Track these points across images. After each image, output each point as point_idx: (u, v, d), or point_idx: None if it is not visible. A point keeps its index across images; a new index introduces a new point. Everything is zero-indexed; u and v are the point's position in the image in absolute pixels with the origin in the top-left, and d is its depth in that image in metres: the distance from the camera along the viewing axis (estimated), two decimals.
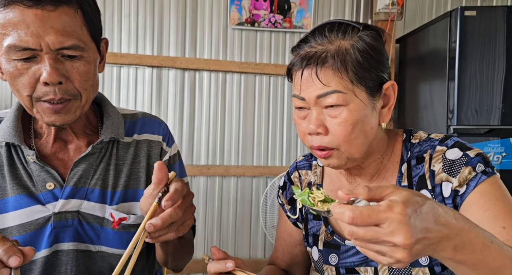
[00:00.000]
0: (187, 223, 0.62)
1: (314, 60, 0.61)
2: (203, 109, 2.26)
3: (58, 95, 0.62)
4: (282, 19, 2.28)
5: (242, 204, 2.29)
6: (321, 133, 0.62)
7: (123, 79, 2.18)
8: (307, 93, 0.63)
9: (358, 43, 0.62)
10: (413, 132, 0.72)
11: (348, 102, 0.61)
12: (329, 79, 0.60)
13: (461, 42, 1.73)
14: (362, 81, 0.61)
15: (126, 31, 2.17)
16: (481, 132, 1.80)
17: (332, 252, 0.73)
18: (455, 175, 0.62)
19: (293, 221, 0.83)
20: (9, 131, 0.69)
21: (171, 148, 0.84)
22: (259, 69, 2.27)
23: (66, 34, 0.61)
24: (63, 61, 0.63)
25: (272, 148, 2.33)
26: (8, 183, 0.69)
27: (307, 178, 0.81)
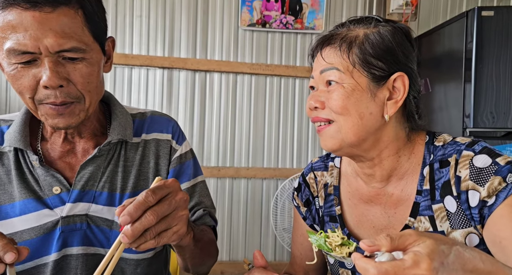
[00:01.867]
0: (172, 231, 0.54)
1: (324, 42, 0.67)
2: (213, 111, 2.26)
3: (59, 99, 0.61)
4: (293, 20, 2.26)
5: (253, 206, 2.28)
6: (318, 107, 0.66)
7: (135, 80, 2.19)
8: (315, 70, 0.68)
9: (373, 33, 0.65)
10: (436, 134, 0.70)
11: (343, 81, 0.64)
12: (332, 57, 0.65)
13: (478, 43, 1.69)
14: (365, 67, 0.63)
15: (138, 33, 2.18)
16: (498, 135, 1.75)
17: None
18: (483, 184, 0.59)
19: (309, 223, 0.81)
20: (15, 136, 0.69)
21: (181, 146, 0.82)
22: (270, 71, 2.26)
23: (65, 36, 0.58)
24: (64, 64, 0.61)
25: (282, 150, 2.32)
26: (16, 188, 0.69)
27: (323, 179, 0.80)
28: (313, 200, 0.81)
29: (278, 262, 2.26)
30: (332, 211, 0.76)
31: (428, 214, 0.64)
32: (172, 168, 0.79)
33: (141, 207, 0.50)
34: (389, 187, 0.69)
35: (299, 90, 2.33)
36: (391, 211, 0.69)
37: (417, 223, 0.65)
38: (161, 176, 0.78)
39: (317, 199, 0.80)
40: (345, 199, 0.75)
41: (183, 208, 0.55)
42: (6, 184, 0.70)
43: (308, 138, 2.34)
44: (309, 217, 0.81)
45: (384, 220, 0.69)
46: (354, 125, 0.63)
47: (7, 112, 2.08)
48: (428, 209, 0.64)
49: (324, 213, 0.77)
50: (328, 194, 0.77)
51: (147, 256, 0.76)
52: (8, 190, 0.69)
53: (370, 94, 0.64)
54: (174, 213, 0.53)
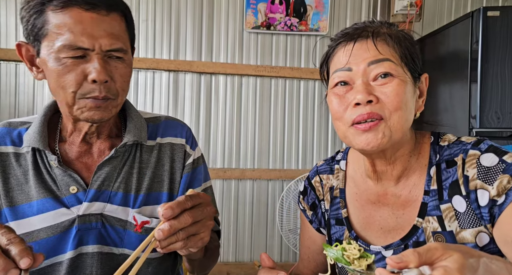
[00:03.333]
0: (199, 236, 0.58)
1: (369, 33, 0.63)
2: (219, 113, 2.27)
3: (102, 93, 0.66)
4: (298, 22, 2.28)
5: (258, 207, 2.29)
6: (372, 101, 0.60)
7: (141, 83, 2.21)
8: (356, 62, 0.62)
9: (401, 34, 0.65)
10: (441, 134, 0.70)
11: (398, 74, 0.61)
12: (384, 49, 0.62)
13: (484, 43, 1.68)
14: (407, 63, 0.62)
15: (144, 36, 2.20)
16: (504, 135, 1.75)
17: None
18: (492, 182, 0.59)
19: (316, 227, 0.81)
20: (34, 136, 0.71)
21: (194, 151, 0.84)
22: (275, 72, 2.27)
23: (115, 37, 0.66)
24: (109, 62, 0.67)
25: (288, 151, 2.32)
26: (34, 188, 0.71)
27: (329, 182, 0.79)
28: (319, 203, 0.80)
29: (284, 263, 2.26)
30: (338, 214, 0.76)
31: (436, 214, 0.64)
32: (185, 173, 0.81)
33: (181, 206, 0.55)
34: (397, 187, 0.69)
35: (304, 92, 2.34)
36: (399, 212, 0.68)
37: (425, 223, 0.64)
38: (175, 179, 0.81)
39: (323, 203, 0.80)
40: (352, 201, 0.75)
41: (211, 218, 0.60)
42: (23, 184, 0.72)
43: (313, 139, 2.35)
44: (315, 221, 0.81)
45: (392, 221, 0.69)
46: (406, 121, 0.61)
47: (16, 115, 2.11)
48: (436, 209, 0.64)
49: (330, 216, 0.77)
50: (334, 197, 0.77)
51: (158, 255, 0.77)
52: (25, 190, 0.71)
53: (414, 91, 0.64)
54: (204, 221, 0.58)
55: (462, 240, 0.61)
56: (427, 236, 0.64)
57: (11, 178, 0.72)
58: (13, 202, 0.71)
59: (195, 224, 0.57)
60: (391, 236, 0.68)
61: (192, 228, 0.56)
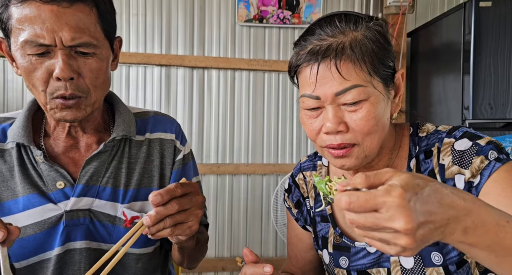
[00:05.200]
0: (188, 225, 0.58)
1: (331, 52, 0.57)
2: (212, 107, 2.25)
3: (69, 91, 0.63)
4: (290, 15, 2.25)
5: (253, 202, 2.28)
6: (342, 131, 0.59)
7: (132, 79, 2.19)
8: (323, 90, 0.58)
9: (370, 33, 0.59)
10: (420, 125, 0.69)
11: (368, 95, 0.58)
12: (349, 72, 0.57)
13: (476, 34, 1.68)
14: (378, 72, 0.59)
15: (134, 30, 2.17)
16: (497, 126, 1.75)
17: (342, 254, 0.70)
18: (467, 166, 0.58)
19: (301, 224, 0.80)
20: (19, 132, 0.70)
21: (184, 147, 0.83)
22: (268, 66, 2.25)
23: (79, 31, 0.62)
24: (76, 57, 0.63)
25: (282, 146, 2.31)
26: (19, 184, 0.69)
27: (312, 179, 0.78)
28: (303, 201, 0.79)
29: (279, 257, 2.26)
30: (323, 211, 0.75)
31: None
32: (176, 169, 0.81)
33: (170, 193, 0.56)
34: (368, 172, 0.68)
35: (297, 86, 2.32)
36: None
37: None
38: (165, 175, 0.80)
39: (307, 200, 0.78)
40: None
41: (199, 207, 0.60)
42: (8, 180, 0.70)
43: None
44: (300, 219, 0.80)
45: None
46: (379, 139, 0.60)
47: (5, 112, 2.07)
48: None
49: (315, 214, 0.76)
50: (318, 193, 0.76)
51: (148, 251, 0.76)
52: (11, 186, 0.70)
53: (387, 99, 0.61)
54: (193, 209, 0.58)
55: None
56: None
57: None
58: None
59: (183, 212, 0.57)
60: None
61: (179, 216, 0.57)
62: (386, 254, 0.64)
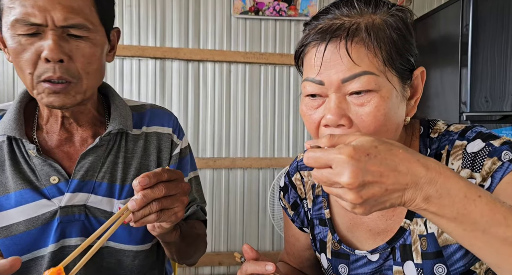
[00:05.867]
0: (173, 211, 0.57)
1: (342, 32, 0.50)
2: (207, 101, 2.23)
3: (57, 73, 0.60)
4: (287, 7, 2.22)
5: (249, 196, 2.27)
6: (344, 125, 0.51)
7: (126, 72, 2.15)
8: (328, 75, 0.51)
9: (390, 18, 0.52)
10: (431, 124, 0.63)
11: (380, 87, 0.50)
12: (360, 56, 0.49)
13: (474, 27, 1.67)
14: (394, 63, 0.51)
15: (128, 22, 2.13)
16: (494, 119, 1.75)
17: (341, 262, 0.67)
18: (479, 169, 0.53)
19: (298, 226, 0.76)
20: (10, 124, 0.67)
21: (182, 141, 0.81)
22: (264, 59, 2.23)
23: (73, 11, 0.59)
24: (68, 40, 0.61)
25: (278, 139, 2.30)
26: (11, 178, 0.67)
27: (311, 179, 0.73)
28: (301, 202, 0.74)
29: (276, 251, 2.26)
30: (321, 214, 0.70)
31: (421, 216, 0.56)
32: (172, 164, 0.78)
33: (157, 176, 0.54)
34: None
35: (294, 79, 2.30)
36: (389, 214, 0.63)
37: (413, 225, 0.59)
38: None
39: (305, 201, 0.74)
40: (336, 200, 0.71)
41: (185, 194, 0.59)
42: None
43: (303, 126, 2.32)
44: (297, 221, 0.75)
45: (381, 223, 0.63)
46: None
47: None
48: None
49: (313, 216, 0.71)
50: (317, 195, 0.71)
51: (145, 248, 0.75)
52: (2, 181, 0.67)
53: (401, 97, 0.53)
54: (179, 195, 0.57)
55: (445, 242, 0.56)
56: (414, 239, 0.58)
57: None
58: None
59: (169, 197, 0.56)
60: (380, 238, 0.62)
61: (166, 201, 0.55)
62: (388, 262, 0.61)
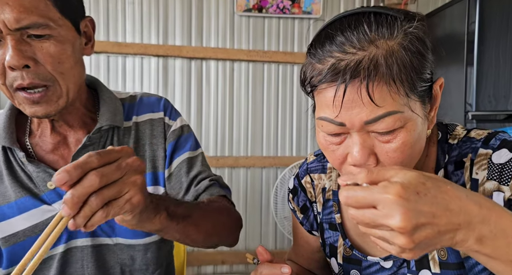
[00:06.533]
0: (124, 199, 0.44)
1: (362, 72, 0.45)
2: (210, 99, 2.22)
3: (26, 80, 0.56)
4: (290, 5, 2.21)
5: (252, 195, 2.26)
6: (370, 165, 0.49)
7: (129, 70, 2.13)
8: (349, 116, 0.47)
9: (407, 41, 0.47)
10: (450, 129, 0.59)
11: (405, 122, 0.47)
12: (383, 96, 0.45)
13: (480, 25, 1.65)
14: (415, 90, 0.48)
15: (131, 20, 2.11)
16: (499, 118, 1.74)
17: (353, 268, 0.65)
18: (507, 182, 0.50)
19: (307, 229, 0.74)
20: (0, 133, 0.65)
21: (176, 121, 0.78)
22: (267, 57, 2.21)
23: (25, 10, 0.54)
24: (29, 42, 0.56)
25: (281, 138, 2.29)
26: (10, 188, 0.66)
27: (321, 183, 0.70)
28: (310, 205, 0.73)
29: (279, 250, 2.25)
30: (331, 218, 0.68)
31: None
32: (169, 143, 0.75)
33: (81, 166, 0.41)
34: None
35: (297, 77, 2.28)
36: None
37: None
38: (158, 156, 0.75)
39: (315, 205, 0.72)
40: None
41: (137, 172, 0.46)
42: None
43: (307, 125, 2.31)
44: (306, 224, 0.74)
45: None
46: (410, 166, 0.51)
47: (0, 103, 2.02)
48: None
49: (323, 220, 0.69)
50: (327, 199, 0.69)
51: (155, 239, 0.73)
52: (2, 191, 0.66)
53: (424, 118, 0.50)
54: (125, 177, 0.44)
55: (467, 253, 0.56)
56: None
57: None
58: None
59: (111, 185, 0.43)
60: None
61: (108, 191, 0.42)
62: (402, 270, 0.59)
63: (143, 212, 0.49)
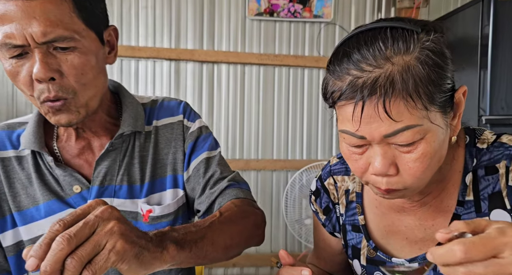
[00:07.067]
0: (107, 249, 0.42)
1: (378, 89, 0.46)
2: (222, 102, 2.23)
3: (52, 93, 0.58)
4: (301, 9, 2.22)
5: (263, 198, 2.27)
6: (391, 175, 0.51)
7: (141, 73, 2.16)
8: (369, 130, 0.49)
9: (424, 54, 0.47)
10: (477, 133, 0.59)
11: (424, 134, 0.48)
12: (400, 112, 0.47)
13: (495, 28, 1.65)
14: (434, 101, 0.48)
15: (144, 24, 2.14)
16: None
17: (377, 269, 0.66)
18: None
19: (329, 231, 0.75)
20: (30, 138, 0.67)
21: (194, 123, 0.79)
22: (278, 61, 2.22)
23: (51, 24, 0.55)
24: (55, 55, 0.57)
25: (292, 141, 2.29)
26: (38, 190, 0.68)
27: (344, 184, 0.71)
28: (333, 207, 0.73)
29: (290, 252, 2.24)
30: (355, 220, 0.69)
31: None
32: (188, 144, 0.76)
33: (45, 241, 0.40)
34: (427, 198, 0.60)
35: (308, 80, 2.29)
36: (428, 223, 0.61)
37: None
38: (178, 159, 0.75)
39: (337, 206, 0.73)
40: (371, 207, 0.67)
41: (111, 219, 0.44)
42: (28, 187, 0.68)
43: (317, 129, 2.32)
44: (328, 225, 0.74)
45: (419, 232, 0.61)
46: (430, 175, 0.52)
47: (14, 107, 2.05)
48: None
49: (346, 222, 0.70)
50: (350, 201, 0.70)
51: None
52: (31, 194, 0.68)
53: (446, 128, 0.51)
54: (99, 229, 0.42)
55: None
56: None
57: (16, 182, 0.68)
58: (21, 206, 0.68)
59: (86, 242, 0.41)
60: (418, 247, 0.61)
61: (82, 249, 0.40)
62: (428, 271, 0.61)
63: (140, 254, 0.46)
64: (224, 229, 0.63)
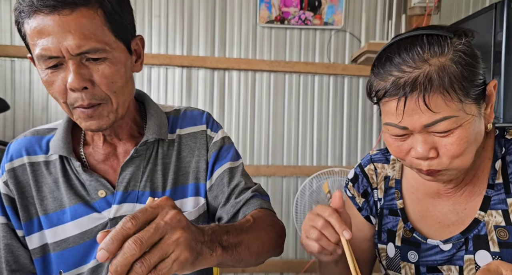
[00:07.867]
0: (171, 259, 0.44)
1: (418, 86, 0.55)
2: (232, 109, 2.25)
3: (86, 101, 0.62)
4: (312, 16, 2.24)
5: (273, 204, 2.25)
6: (432, 157, 0.58)
7: (154, 80, 2.20)
8: (411, 121, 0.57)
9: (457, 56, 0.55)
10: (506, 128, 0.68)
11: (461, 122, 0.56)
12: (438, 104, 0.55)
13: (508, 35, 1.63)
14: (468, 95, 0.56)
15: (157, 32, 2.18)
16: None
17: (411, 249, 0.71)
18: None
19: (365, 214, 0.80)
20: (59, 144, 0.71)
21: (217, 133, 0.81)
22: (289, 68, 2.24)
23: (84, 37, 0.59)
24: (87, 65, 0.62)
25: (302, 148, 2.30)
26: (65, 194, 0.70)
27: (384, 171, 0.78)
28: (371, 191, 0.79)
29: (299, 259, 2.24)
30: (393, 204, 0.75)
31: (501, 208, 0.63)
32: (211, 153, 0.78)
33: (118, 237, 0.42)
34: (461, 184, 0.68)
35: (319, 87, 2.30)
36: (460, 207, 0.68)
37: (487, 217, 0.64)
38: (200, 167, 0.77)
39: (375, 191, 0.79)
40: (408, 193, 0.75)
41: (178, 229, 0.46)
42: (55, 191, 0.71)
43: (328, 135, 2.32)
44: (366, 208, 0.80)
45: (452, 216, 0.68)
46: (470, 158, 0.59)
47: (31, 112, 2.11)
48: (502, 202, 0.63)
49: (384, 206, 0.76)
50: (389, 187, 0.77)
51: None
52: (58, 197, 0.71)
53: (480, 116, 0.59)
54: (167, 237, 0.45)
55: None
56: (489, 229, 0.63)
57: (44, 186, 0.71)
58: (47, 209, 0.70)
59: (154, 249, 0.43)
60: (450, 230, 0.67)
61: (152, 255, 0.43)
62: (460, 252, 0.66)
63: (195, 260, 0.48)
64: (257, 235, 0.65)
